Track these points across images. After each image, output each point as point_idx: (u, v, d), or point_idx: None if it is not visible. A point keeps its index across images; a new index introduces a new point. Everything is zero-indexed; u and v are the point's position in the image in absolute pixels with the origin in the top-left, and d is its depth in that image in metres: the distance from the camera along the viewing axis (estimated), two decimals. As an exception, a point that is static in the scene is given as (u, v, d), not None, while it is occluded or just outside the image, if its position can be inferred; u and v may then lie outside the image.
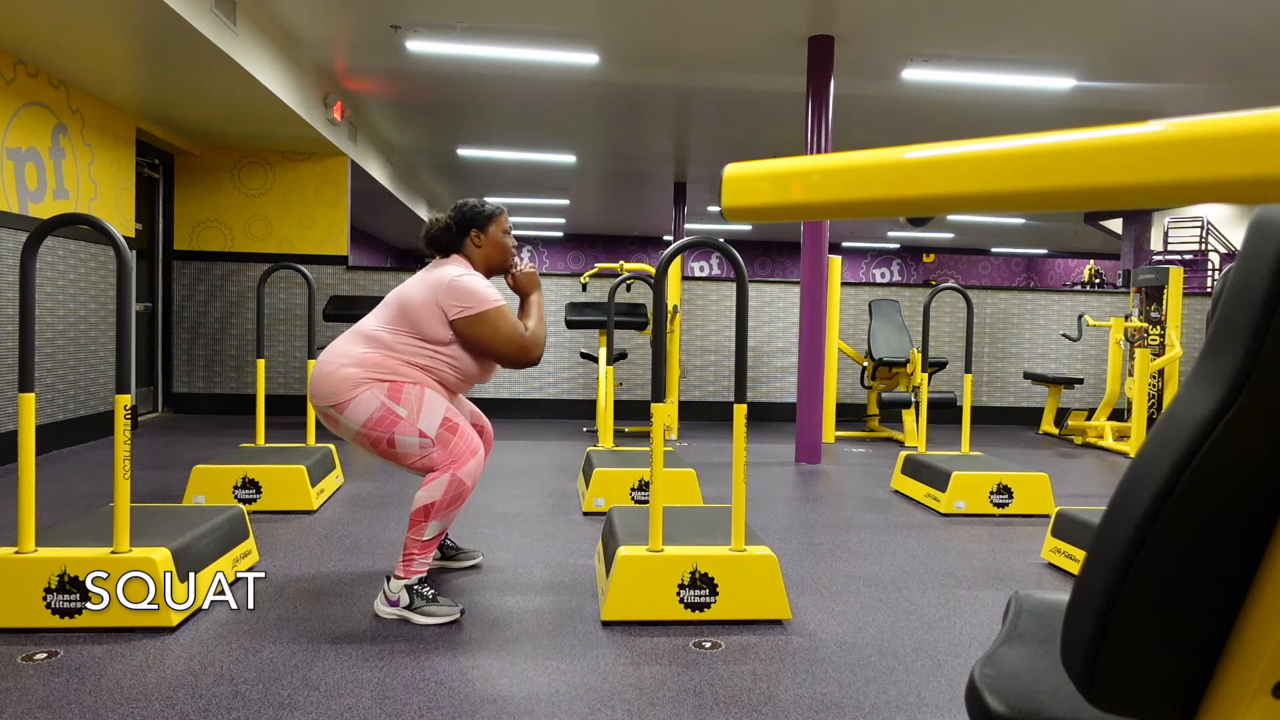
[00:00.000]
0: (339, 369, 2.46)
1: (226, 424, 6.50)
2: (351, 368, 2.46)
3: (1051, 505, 3.90)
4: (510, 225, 2.77)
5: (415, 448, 2.45)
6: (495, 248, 2.71)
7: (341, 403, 2.44)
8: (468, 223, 2.69)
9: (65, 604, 2.28)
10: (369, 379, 2.45)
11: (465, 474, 2.46)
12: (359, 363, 2.47)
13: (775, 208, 0.55)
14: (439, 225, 2.71)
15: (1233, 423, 0.61)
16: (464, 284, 2.52)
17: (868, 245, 20.01)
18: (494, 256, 2.72)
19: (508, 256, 2.75)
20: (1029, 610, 1.12)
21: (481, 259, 2.70)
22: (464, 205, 2.72)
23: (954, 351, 7.61)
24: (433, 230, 2.72)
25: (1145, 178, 0.43)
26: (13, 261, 4.69)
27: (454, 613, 2.47)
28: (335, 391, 2.45)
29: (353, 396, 2.43)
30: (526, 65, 6.17)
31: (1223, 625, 0.66)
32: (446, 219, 2.72)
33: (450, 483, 2.44)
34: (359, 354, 2.49)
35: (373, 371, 2.47)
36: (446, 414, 2.49)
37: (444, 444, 2.46)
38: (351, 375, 2.45)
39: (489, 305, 2.52)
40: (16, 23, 4.26)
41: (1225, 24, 5.19)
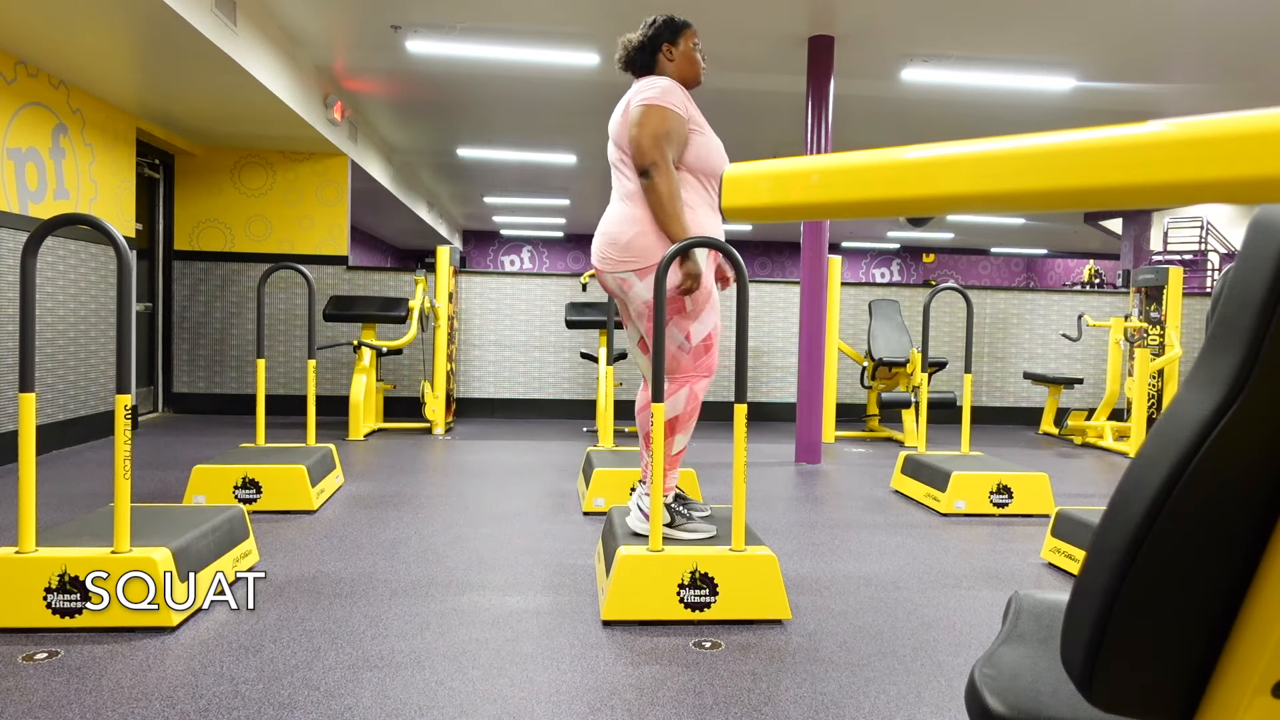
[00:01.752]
0: (636, 237, 2.48)
1: (226, 424, 6.50)
2: (645, 235, 2.48)
3: (1051, 505, 3.90)
4: (698, 40, 2.79)
5: (674, 344, 2.54)
6: (687, 60, 2.74)
7: (646, 267, 2.49)
8: (659, 38, 2.72)
9: (65, 604, 2.29)
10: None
11: (700, 388, 2.59)
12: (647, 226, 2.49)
13: (775, 208, 0.55)
14: (633, 45, 2.73)
15: (1233, 423, 0.61)
16: (647, 81, 2.58)
17: (868, 245, 20.01)
18: (686, 70, 2.74)
19: (698, 69, 2.77)
20: (1029, 610, 1.12)
21: (675, 73, 2.72)
22: (653, 20, 2.75)
23: (954, 351, 7.60)
24: (628, 51, 2.74)
25: (1145, 178, 0.43)
26: (13, 261, 4.69)
27: (711, 530, 2.59)
28: (644, 252, 2.47)
29: (654, 267, 2.46)
30: (526, 65, 6.17)
31: (1222, 625, 0.66)
32: (639, 37, 2.74)
33: (689, 397, 2.56)
34: (638, 214, 2.51)
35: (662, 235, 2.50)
36: (712, 331, 2.58)
37: (696, 355, 2.56)
38: (651, 246, 2.48)
39: (655, 100, 2.52)
40: (17, 23, 4.26)
41: (1225, 24, 5.19)
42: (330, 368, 7.27)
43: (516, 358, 7.32)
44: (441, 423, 6.24)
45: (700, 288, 2.53)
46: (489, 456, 5.29)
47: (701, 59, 2.78)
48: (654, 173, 2.49)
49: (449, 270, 6.38)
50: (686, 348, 2.54)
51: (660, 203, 2.49)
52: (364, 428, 6.01)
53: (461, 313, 7.23)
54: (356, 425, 5.93)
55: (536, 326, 7.34)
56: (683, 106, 2.58)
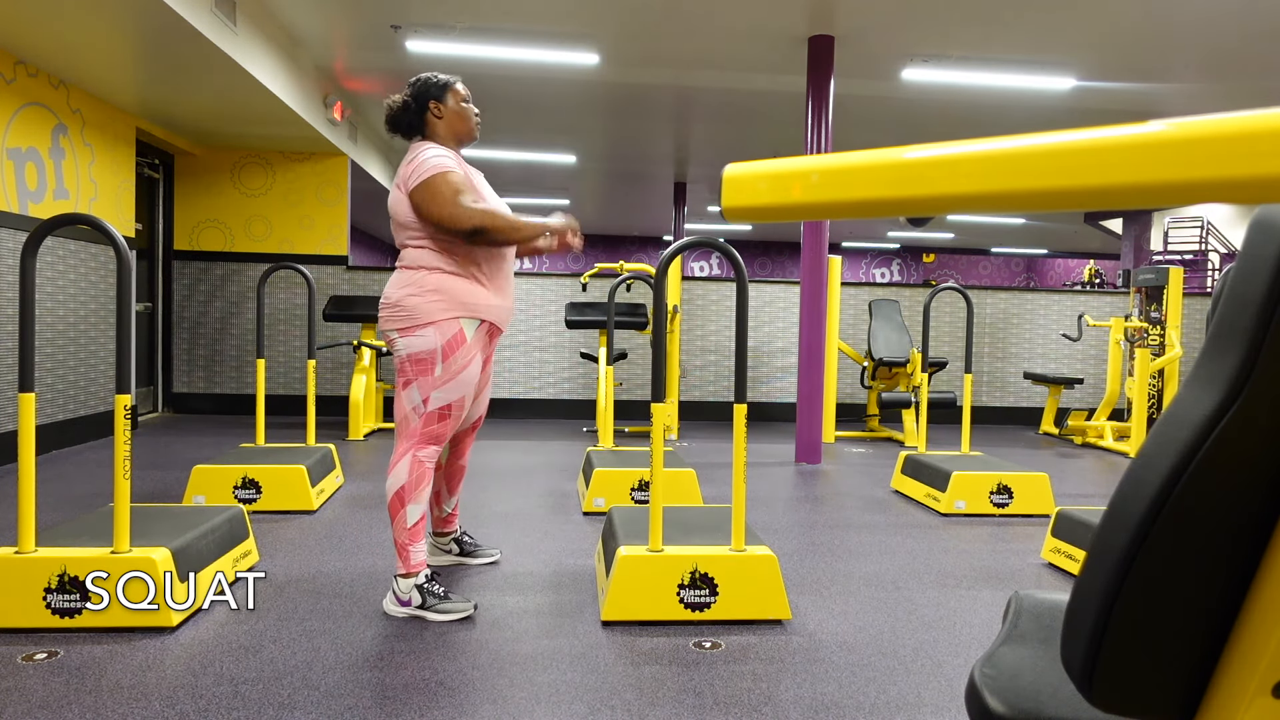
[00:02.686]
0: (405, 298, 2.50)
1: (226, 424, 6.50)
2: (416, 298, 2.49)
3: (1051, 505, 3.90)
4: (468, 93, 2.71)
5: (409, 405, 2.50)
6: (457, 116, 2.66)
7: (409, 327, 2.48)
8: (424, 97, 2.65)
9: (65, 604, 2.28)
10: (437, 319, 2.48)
11: (424, 455, 2.51)
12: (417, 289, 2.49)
13: (775, 208, 0.55)
14: (397, 105, 2.68)
15: (1233, 423, 0.61)
16: (415, 156, 2.51)
17: (868, 245, 20.01)
18: (459, 125, 2.67)
19: (471, 123, 2.69)
20: (1029, 610, 1.12)
21: (446, 130, 2.66)
22: (417, 80, 2.68)
23: (954, 351, 7.60)
24: (393, 111, 2.68)
25: (1145, 178, 0.43)
26: (13, 261, 4.69)
27: (468, 608, 2.50)
28: (410, 314, 2.48)
29: (418, 328, 2.48)
30: (526, 65, 6.17)
31: (1222, 625, 0.66)
32: (403, 97, 2.68)
33: (412, 463, 2.49)
34: (411, 278, 2.51)
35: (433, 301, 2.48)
36: (455, 403, 2.52)
37: (427, 421, 2.50)
38: (418, 308, 2.48)
39: (431, 171, 2.46)
40: (16, 23, 4.26)
41: (1225, 24, 5.19)
42: (330, 368, 7.27)
43: (516, 358, 7.32)
44: (441, 423, 6.23)
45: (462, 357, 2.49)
46: (489, 456, 5.28)
47: (475, 113, 2.71)
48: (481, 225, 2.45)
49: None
50: (420, 411, 2.48)
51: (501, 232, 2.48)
52: (364, 428, 6.00)
53: (461, 313, 7.22)
54: (356, 425, 5.93)
55: (536, 326, 7.34)
56: (459, 169, 2.54)
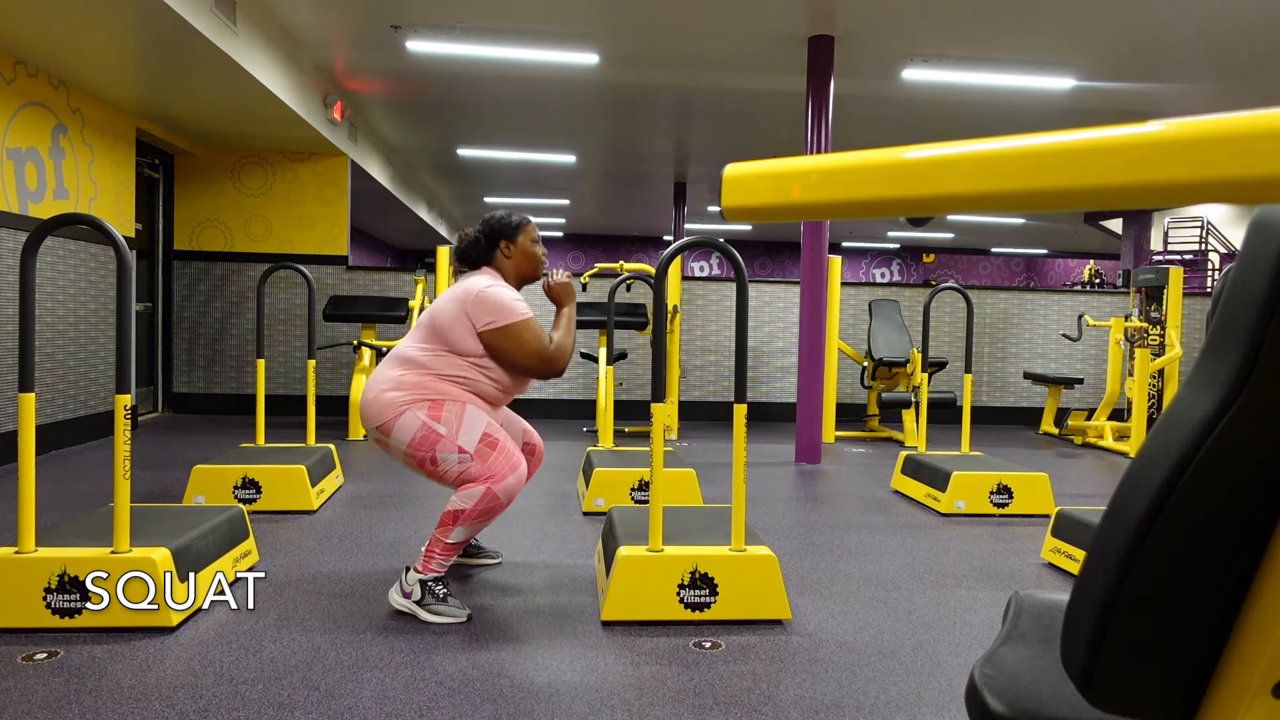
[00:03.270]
0: (380, 394, 2.51)
1: (226, 424, 6.50)
2: (392, 392, 2.50)
3: (1051, 505, 3.90)
4: (538, 235, 2.79)
5: (454, 464, 2.46)
6: (525, 258, 2.73)
7: (386, 424, 2.48)
8: (496, 234, 2.72)
9: (65, 604, 2.28)
10: (411, 400, 2.48)
11: (501, 489, 2.46)
12: (398, 385, 2.51)
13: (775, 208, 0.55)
14: (468, 239, 2.74)
15: (1233, 423, 0.61)
16: (491, 296, 2.54)
17: (868, 245, 20.01)
18: (524, 266, 2.74)
19: (538, 266, 2.77)
20: (1029, 610, 1.12)
21: (512, 270, 2.73)
22: (491, 218, 2.75)
23: (954, 351, 7.60)
24: (462, 244, 2.75)
25: (1145, 178, 0.43)
26: (13, 261, 4.69)
27: (461, 615, 2.48)
28: (379, 415, 2.49)
29: (396, 419, 2.47)
30: (526, 65, 6.17)
31: (1222, 625, 0.66)
32: (475, 232, 2.75)
33: (484, 495, 2.45)
34: (397, 377, 2.53)
35: (413, 392, 2.50)
36: (487, 429, 2.50)
37: (482, 458, 2.46)
38: (393, 399, 2.49)
39: (514, 319, 2.54)
40: (16, 23, 4.26)
41: (1225, 24, 5.19)
42: (330, 368, 7.27)
43: (516, 358, 7.31)
44: (441, 423, 6.23)
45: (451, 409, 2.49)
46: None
47: (543, 254, 2.77)
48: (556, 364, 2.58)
49: (449, 270, 6.38)
50: (468, 461, 2.45)
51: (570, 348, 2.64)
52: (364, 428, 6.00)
53: (461, 313, 7.22)
54: (356, 425, 5.93)
55: (536, 326, 7.33)
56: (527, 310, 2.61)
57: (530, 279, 2.77)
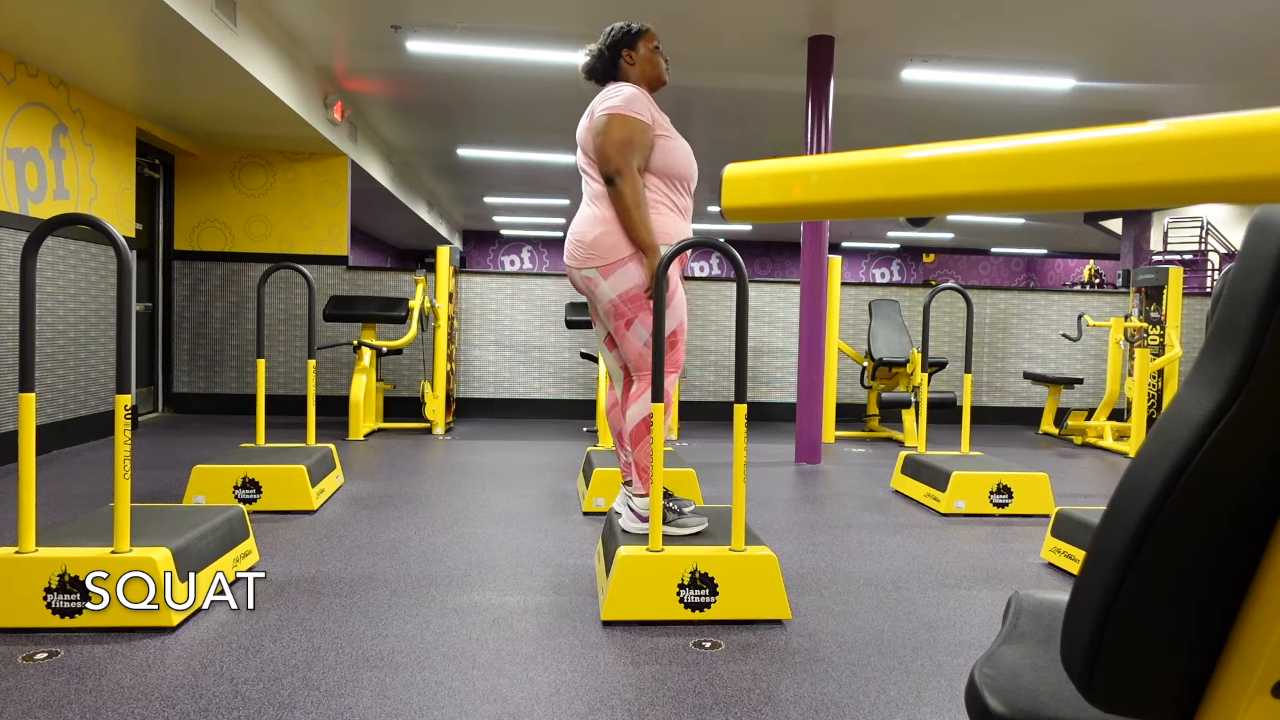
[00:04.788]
0: (601, 235, 2.54)
1: (226, 424, 6.50)
2: (611, 234, 2.53)
3: (1051, 505, 3.90)
4: (659, 40, 2.82)
5: (639, 342, 2.57)
6: (648, 63, 2.78)
7: (608, 266, 2.52)
8: (618, 45, 2.77)
9: (65, 604, 2.29)
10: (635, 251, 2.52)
11: (669, 383, 2.61)
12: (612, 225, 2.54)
13: (775, 208, 0.55)
14: (593, 55, 2.80)
15: (1233, 423, 0.61)
16: (607, 92, 2.62)
17: (868, 245, 20.01)
18: (649, 71, 2.79)
19: (661, 70, 2.81)
20: (1029, 610, 1.12)
21: (638, 76, 2.77)
22: (612, 29, 2.80)
23: (954, 351, 7.61)
24: (590, 60, 2.80)
25: (1145, 178, 0.43)
26: (13, 261, 4.69)
27: (702, 523, 2.61)
28: (605, 254, 2.52)
29: (620, 263, 2.51)
30: (526, 65, 6.17)
31: (1222, 625, 0.66)
32: (599, 46, 2.79)
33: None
34: (604, 214, 2.56)
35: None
36: (679, 329, 2.61)
37: (670, 347, 2.58)
38: (617, 243, 2.52)
39: (619, 109, 2.56)
40: (17, 23, 4.26)
41: (1225, 24, 5.19)
42: (330, 368, 7.27)
43: (516, 358, 7.32)
44: (441, 423, 6.24)
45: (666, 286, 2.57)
46: (489, 456, 5.29)
47: (664, 60, 2.83)
48: (619, 180, 2.56)
49: (449, 270, 6.38)
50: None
51: (626, 209, 2.56)
52: (364, 428, 6.01)
53: (461, 313, 7.23)
54: (356, 425, 5.93)
55: (536, 326, 7.34)
56: (647, 113, 2.62)
57: (658, 83, 2.81)
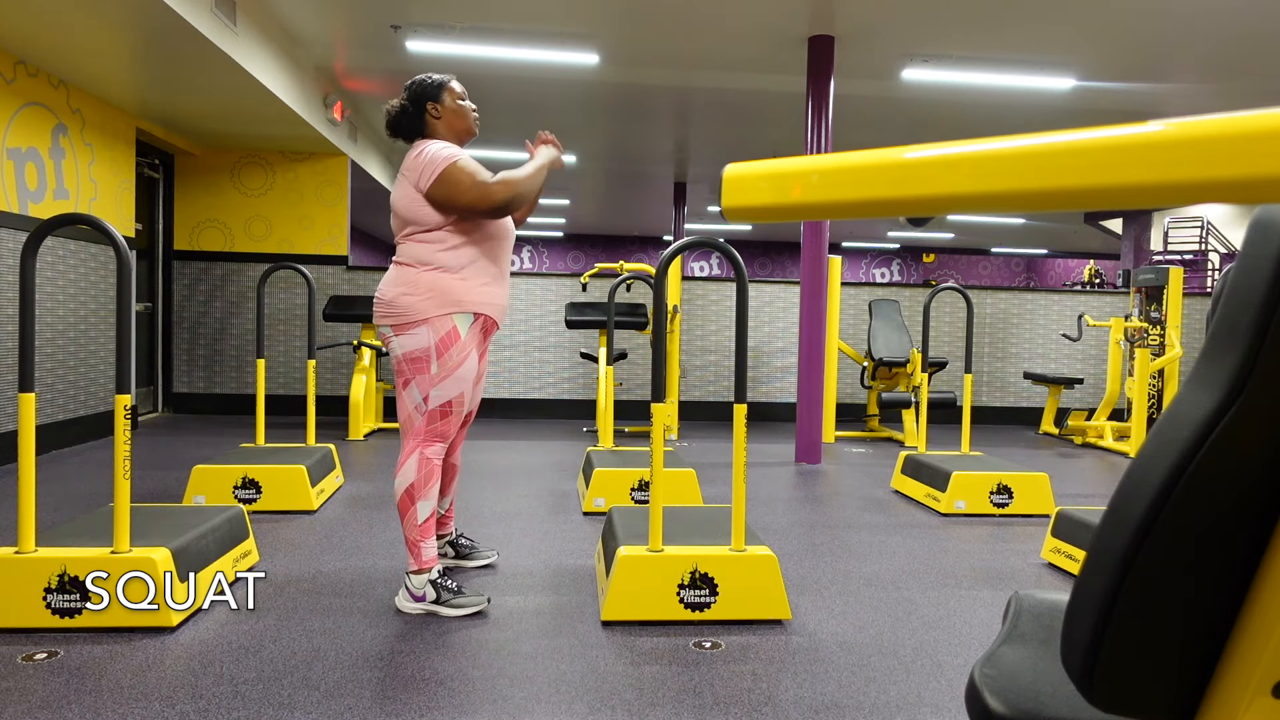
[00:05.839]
0: (398, 297, 2.51)
1: (226, 424, 6.50)
2: (409, 296, 2.50)
3: (1051, 505, 3.90)
4: (463, 90, 2.72)
5: (411, 404, 2.53)
6: (455, 114, 2.67)
7: (401, 325, 2.50)
8: (421, 98, 2.65)
9: (65, 604, 2.28)
10: (430, 316, 2.49)
11: (431, 453, 2.54)
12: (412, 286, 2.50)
13: (775, 208, 0.55)
14: (395, 110, 2.68)
15: (1233, 423, 0.61)
16: (421, 154, 2.53)
17: (868, 245, 20.01)
18: (457, 123, 2.68)
19: (470, 120, 2.70)
20: (1029, 610, 1.12)
21: (446, 129, 2.66)
22: (412, 83, 2.68)
23: (954, 351, 7.60)
24: (392, 116, 2.69)
25: (1145, 178, 0.43)
26: (13, 261, 4.69)
27: (481, 601, 2.53)
28: (399, 315, 2.51)
29: (411, 326, 2.50)
30: (526, 65, 6.17)
31: (1222, 625, 0.66)
32: (400, 101, 2.68)
33: (420, 461, 2.52)
34: (406, 275, 2.53)
35: (428, 297, 2.50)
36: (454, 400, 2.54)
37: (430, 419, 2.53)
38: (412, 305, 2.50)
39: (443, 163, 2.49)
40: (16, 23, 4.26)
41: (1225, 24, 5.19)
42: (330, 368, 7.27)
43: (516, 358, 7.32)
44: (441, 423, 6.23)
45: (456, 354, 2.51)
46: (489, 456, 5.28)
47: (473, 110, 2.72)
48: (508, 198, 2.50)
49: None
50: (422, 409, 2.51)
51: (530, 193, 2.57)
52: (364, 428, 6.00)
53: (461, 313, 7.22)
54: (356, 425, 5.93)
55: (536, 326, 7.34)
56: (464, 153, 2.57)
57: (468, 134, 2.70)
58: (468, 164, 2.53)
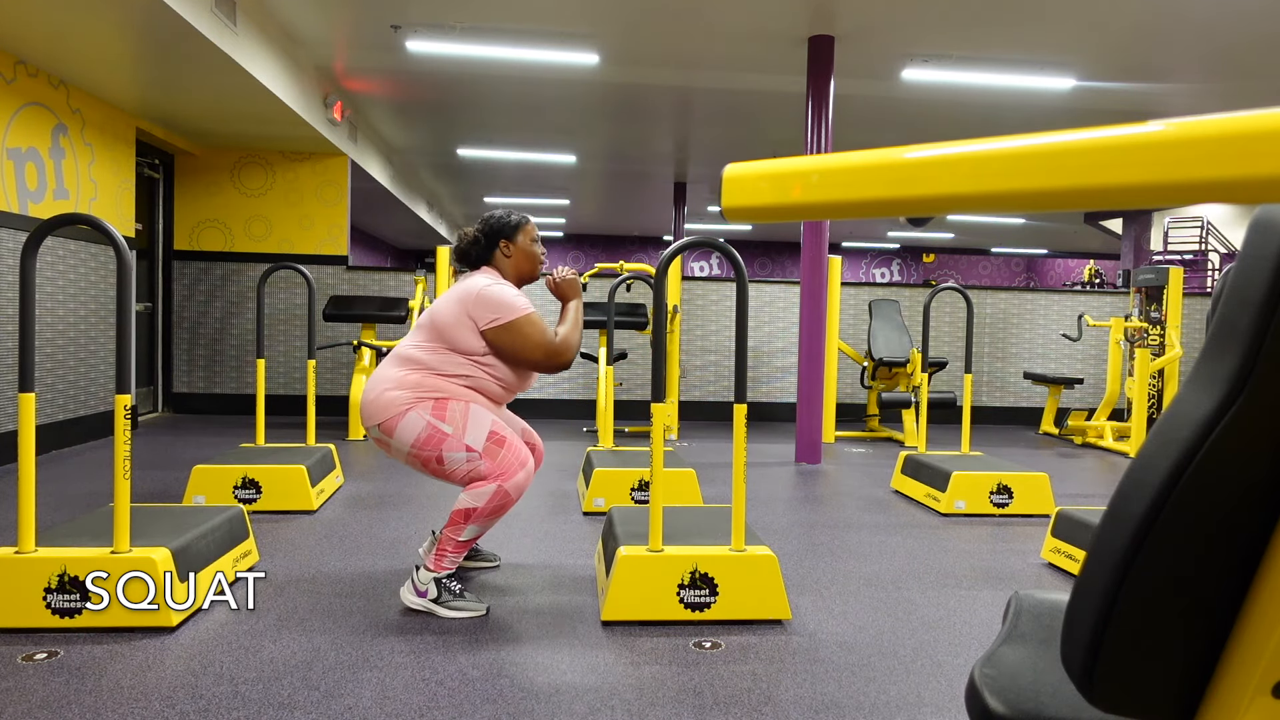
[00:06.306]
0: (382, 394, 2.49)
1: (226, 424, 6.50)
2: (394, 391, 2.49)
3: (1051, 505, 3.90)
4: (538, 233, 2.78)
5: (463, 462, 2.46)
6: (525, 257, 2.73)
7: (388, 423, 2.47)
8: (496, 234, 2.71)
9: (65, 604, 2.28)
10: (414, 400, 2.47)
11: (511, 486, 2.47)
12: (400, 384, 2.50)
13: (775, 208, 0.55)
14: (468, 239, 2.73)
15: (1233, 423, 0.61)
16: (493, 294, 2.54)
17: (868, 245, 20.01)
18: (524, 266, 2.74)
19: (537, 265, 2.77)
20: (1029, 610, 1.12)
21: (512, 269, 2.72)
22: (491, 218, 2.74)
23: (954, 351, 7.60)
24: (462, 244, 2.74)
25: (1145, 178, 0.43)
26: (13, 261, 4.69)
27: (480, 609, 2.52)
28: (381, 413, 2.48)
29: (399, 418, 2.46)
30: (526, 65, 6.17)
31: (1222, 625, 0.66)
32: (475, 232, 2.73)
33: (496, 493, 2.45)
34: (399, 376, 2.52)
35: (415, 390, 2.49)
36: (493, 427, 2.50)
37: (491, 456, 2.47)
38: (395, 398, 2.48)
39: (518, 314, 2.53)
40: (16, 23, 4.26)
41: (1225, 24, 5.19)
42: (330, 368, 7.27)
43: (516, 358, 7.31)
44: (441, 423, 6.23)
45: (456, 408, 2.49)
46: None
47: (542, 252, 2.77)
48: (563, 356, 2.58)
49: (449, 270, 6.38)
50: (477, 459, 2.45)
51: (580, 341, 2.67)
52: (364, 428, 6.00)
53: (461, 313, 7.22)
54: (356, 425, 5.93)
55: (536, 326, 7.33)
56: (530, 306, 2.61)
57: (530, 278, 2.77)
58: (539, 321, 2.58)
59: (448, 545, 2.49)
